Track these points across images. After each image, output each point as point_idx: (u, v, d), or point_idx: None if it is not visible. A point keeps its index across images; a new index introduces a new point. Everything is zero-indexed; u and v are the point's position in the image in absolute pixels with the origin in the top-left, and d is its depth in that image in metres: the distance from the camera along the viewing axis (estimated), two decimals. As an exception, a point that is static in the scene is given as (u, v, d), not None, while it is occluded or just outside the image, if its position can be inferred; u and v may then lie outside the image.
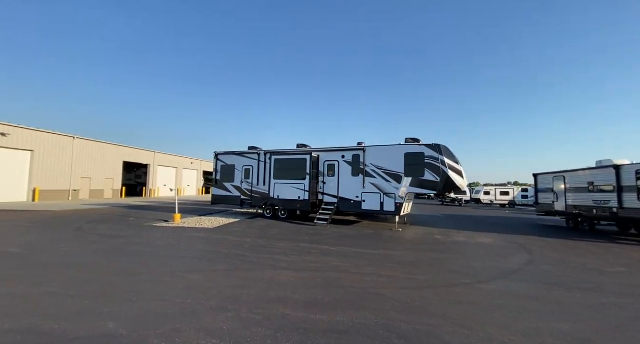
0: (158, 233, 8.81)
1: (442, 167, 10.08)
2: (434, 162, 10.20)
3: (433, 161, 10.23)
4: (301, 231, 9.72)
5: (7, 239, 7.47)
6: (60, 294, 3.83)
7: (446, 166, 10.10)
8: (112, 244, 7.15)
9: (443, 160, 10.11)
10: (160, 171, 34.92)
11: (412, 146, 10.77)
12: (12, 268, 5.01)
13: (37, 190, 21.03)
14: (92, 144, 25.85)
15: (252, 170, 14.08)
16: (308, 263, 5.68)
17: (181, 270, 5.07)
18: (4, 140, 19.14)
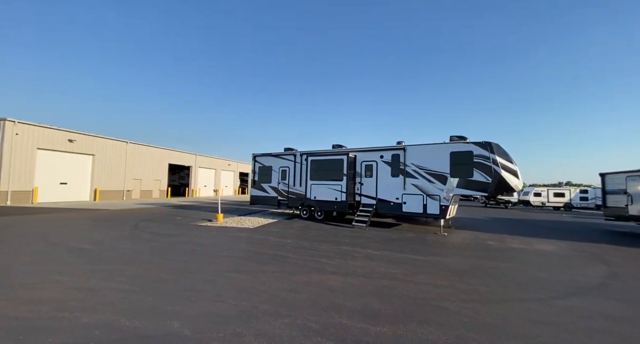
0: (204, 232, 9.20)
1: (494, 166, 9.26)
2: (485, 162, 9.41)
3: (483, 160, 9.43)
4: (340, 233, 9.54)
5: (79, 235, 8.28)
6: (127, 290, 4.06)
7: (498, 166, 9.26)
8: (164, 242, 7.58)
9: (495, 159, 9.28)
10: (200, 172, 37.03)
11: (459, 144, 10.05)
12: (85, 262, 5.48)
13: (97, 190, 23.40)
14: (142, 148, 28.16)
15: (288, 171, 14.23)
16: (354, 268, 5.47)
17: (231, 270, 5.15)
18: (71, 146, 21.56)
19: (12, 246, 6.69)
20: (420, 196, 10.47)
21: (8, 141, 17.73)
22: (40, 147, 19.54)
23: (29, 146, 18.92)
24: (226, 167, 42.89)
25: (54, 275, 4.66)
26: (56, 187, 20.66)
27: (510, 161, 9.65)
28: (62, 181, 21.09)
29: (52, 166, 20.39)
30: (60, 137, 20.81)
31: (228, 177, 43.73)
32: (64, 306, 3.50)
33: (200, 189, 36.66)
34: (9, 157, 17.76)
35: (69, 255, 6.02)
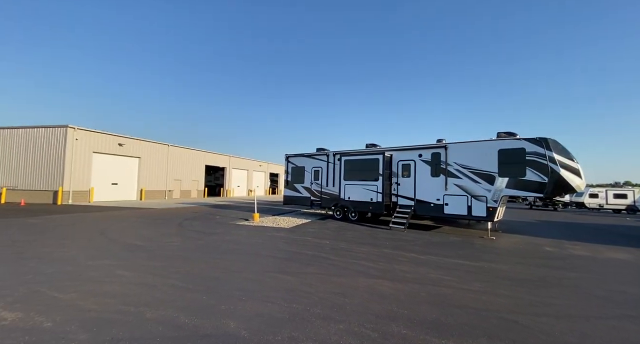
0: (243, 231, 9.42)
1: (552, 165, 8.37)
2: (540, 160, 8.55)
3: (538, 158, 8.58)
4: (378, 235, 9.24)
5: (132, 232, 8.90)
6: (182, 288, 4.20)
7: (557, 164, 8.36)
8: (209, 240, 7.86)
9: (552, 157, 8.39)
10: (234, 173, 38.51)
11: (508, 141, 9.25)
12: (141, 258, 5.83)
13: (143, 190, 25.25)
14: (181, 150, 29.93)
15: (321, 171, 14.18)
16: (401, 273, 5.19)
17: (275, 270, 5.15)
18: (120, 149, 23.49)
19: (78, 242, 7.35)
20: (464, 197, 9.81)
21: (70, 146, 19.75)
22: (95, 151, 21.53)
23: (86, 150, 20.92)
24: (257, 168, 44.16)
25: (116, 270, 4.98)
26: (108, 187, 22.63)
27: (571, 159, 8.67)
28: (113, 182, 23.05)
29: (105, 168, 22.37)
30: (111, 142, 22.77)
31: (259, 178, 44.99)
32: (128, 301, 3.68)
33: (233, 189, 38.12)
34: (70, 160, 19.78)
35: (126, 251, 6.44)
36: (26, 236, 7.80)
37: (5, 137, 21.62)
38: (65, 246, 6.74)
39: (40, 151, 20.35)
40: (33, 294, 3.84)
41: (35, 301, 3.61)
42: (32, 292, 3.92)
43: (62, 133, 19.83)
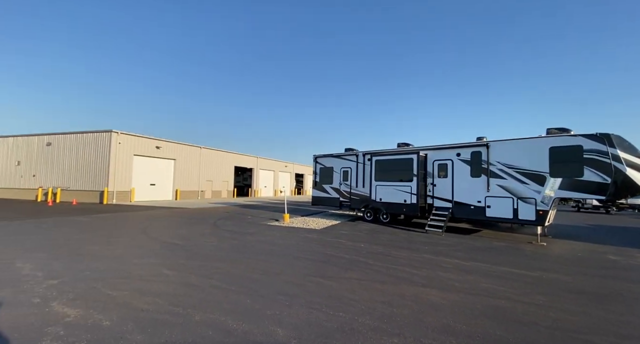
0: (276, 232, 9.46)
1: (616, 163, 7.46)
2: (601, 158, 7.66)
3: (599, 156, 7.69)
4: (414, 239, 8.82)
5: (170, 231, 9.29)
6: (225, 289, 4.20)
7: (622, 162, 7.43)
8: (244, 240, 7.96)
9: (616, 154, 7.48)
10: (261, 174, 39.37)
11: (562, 137, 8.40)
12: (182, 258, 6.00)
13: (178, 191, 26.56)
14: (212, 152, 31.11)
15: (350, 172, 13.93)
16: (449, 281, 4.83)
17: (315, 274, 5.02)
18: (158, 151, 24.89)
19: (123, 240, 7.77)
20: (510, 199, 9.07)
21: (113, 149, 21.27)
22: (135, 153, 23.00)
23: (128, 152, 22.40)
24: (283, 169, 44.81)
25: (161, 269, 5.15)
26: (147, 188, 24.07)
27: (639, 156, 7.67)
28: (151, 183, 24.49)
29: (144, 170, 23.82)
30: (149, 145, 24.20)
31: (285, 178, 45.61)
32: (176, 301, 3.74)
33: (261, 190, 38.97)
34: (114, 162, 21.28)
35: (167, 250, 6.68)
36: (79, 234, 8.41)
37: (59, 142, 23.82)
38: (113, 244, 7.14)
39: (89, 154, 22.13)
40: (90, 291, 4.03)
41: (93, 298, 3.78)
42: (89, 288, 4.13)
43: (107, 137, 21.41)
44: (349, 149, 14.70)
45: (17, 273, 4.74)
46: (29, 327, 3.01)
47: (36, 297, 3.78)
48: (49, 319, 3.19)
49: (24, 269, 4.94)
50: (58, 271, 4.92)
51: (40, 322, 3.11)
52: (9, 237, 7.71)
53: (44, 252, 6.15)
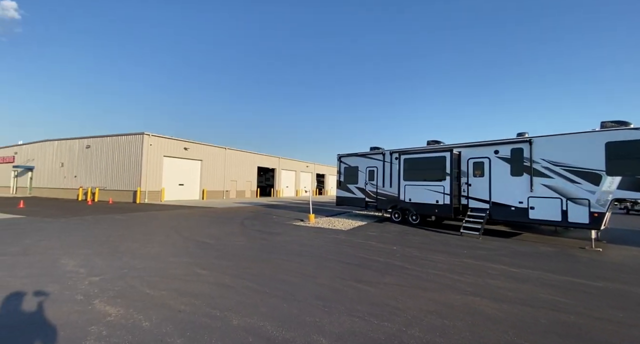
0: (303, 232, 9.31)
1: (691, 159, 6.52)
2: (672, 153, 6.73)
3: (669, 151, 6.77)
4: (449, 242, 8.29)
5: (201, 230, 9.44)
6: (260, 291, 4.07)
7: (699, 158, 6.48)
8: (272, 240, 7.88)
9: (692, 149, 6.53)
10: (283, 174, 39.71)
11: (620, 131, 7.51)
12: (214, 257, 5.98)
13: (204, 190, 27.37)
14: (236, 153, 31.79)
15: (376, 171, 13.51)
16: (500, 290, 4.38)
17: (350, 278, 4.76)
18: (186, 153, 25.79)
19: (158, 238, 7.96)
20: (557, 200, 8.27)
21: (145, 151, 22.29)
22: (165, 155, 23.97)
23: (158, 154, 23.39)
24: (305, 169, 44.92)
25: (195, 268, 5.13)
26: (176, 187, 25.02)
27: None
28: (180, 183, 25.42)
29: (173, 170, 24.77)
30: (178, 146, 25.13)
31: (306, 179, 45.71)
32: (213, 303, 3.65)
33: (283, 190, 39.30)
34: (146, 163, 22.30)
35: (199, 249, 6.72)
36: (117, 232, 8.76)
37: (97, 144, 25.40)
38: (148, 242, 7.32)
39: (123, 156, 23.38)
40: (130, 289, 4.06)
41: (132, 297, 3.79)
42: (129, 286, 4.16)
43: (139, 139, 22.49)
44: (375, 148, 14.28)
45: (62, 269, 4.92)
46: (73, 325, 3.02)
47: (79, 294, 3.85)
48: (92, 317, 3.20)
49: (68, 266, 5.12)
50: (99, 267, 5.05)
51: (83, 320, 3.12)
52: (56, 234, 8.17)
53: (86, 249, 6.40)
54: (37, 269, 4.91)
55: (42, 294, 3.82)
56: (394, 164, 12.56)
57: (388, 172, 12.92)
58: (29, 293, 3.85)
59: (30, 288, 4.05)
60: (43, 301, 3.61)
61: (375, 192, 13.39)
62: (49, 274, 4.67)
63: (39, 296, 3.74)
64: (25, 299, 3.66)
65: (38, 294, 3.82)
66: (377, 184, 13.39)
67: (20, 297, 3.74)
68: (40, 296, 3.74)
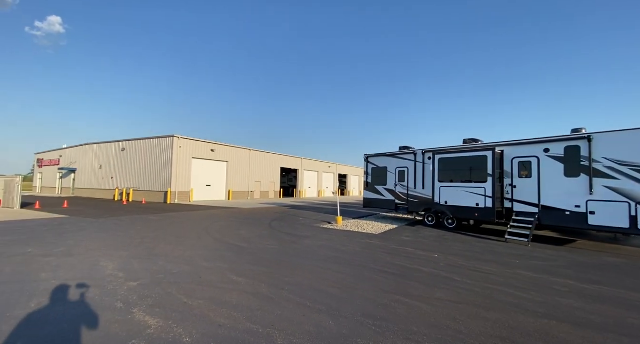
0: (333, 236, 8.96)
1: None
2: None
3: None
4: (495, 250, 7.56)
5: (231, 232, 9.40)
6: (302, 305, 3.77)
7: None
8: (304, 245, 7.61)
9: None
10: (305, 175, 39.69)
11: None
12: (248, 262, 5.80)
13: (230, 191, 27.91)
14: (260, 154, 32.16)
15: (407, 172, 12.86)
16: (578, 312, 3.75)
17: (397, 291, 4.34)
18: (213, 154, 26.42)
19: (190, 240, 7.98)
20: (624, 204, 7.27)
21: (175, 153, 23.07)
22: (194, 156, 24.69)
23: (188, 156, 24.14)
24: (327, 170, 44.62)
25: (230, 275, 4.96)
26: (204, 188, 25.70)
27: None
28: (207, 184, 26.09)
29: (201, 172, 25.46)
30: (205, 148, 25.80)
31: (328, 179, 45.40)
32: (253, 317, 3.39)
33: (305, 191, 39.26)
34: (176, 165, 23.07)
35: (231, 253, 6.59)
36: (152, 233, 8.92)
37: (131, 147, 26.72)
38: (181, 245, 7.33)
39: (155, 158, 24.39)
40: (167, 297, 3.92)
41: (171, 306, 3.63)
42: (166, 294, 4.03)
43: (169, 142, 23.32)
44: (405, 147, 13.63)
45: (102, 272, 4.93)
46: (115, 338, 2.88)
47: (119, 301, 3.76)
48: (132, 329, 3.05)
49: (107, 269, 5.14)
50: (136, 271, 5.02)
51: (124, 333, 2.98)
52: (95, 234, 8.46)
53: (124, 251, 6.49)
54: (79, 271, 4.97)
55: (84, 300, 3.79)
56: (427, 164, 11.87)
57: (420, 173, 12.24)
58: (72, 299, 3.83)
59: (73, 292, 4.04)
60: (85, 308, 3.55)
61: (406, 194, 12.75)
62: (90, 277, 4.69)
63: (82, 303, 3.70)
64: (69, 306, 3.63)
65: (80, 300, 3.79)
66: (407, 185, 12.74)
67: (64, 303, 3.71)
68: (82, 303, 3.70)
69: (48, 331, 2.99)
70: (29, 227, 9.49)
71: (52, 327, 3.08)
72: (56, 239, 7.74)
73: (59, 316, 3.34)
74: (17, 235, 8.17)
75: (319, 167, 42.74)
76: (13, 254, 6.02)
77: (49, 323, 3.16)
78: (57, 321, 3.21)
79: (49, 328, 3.05)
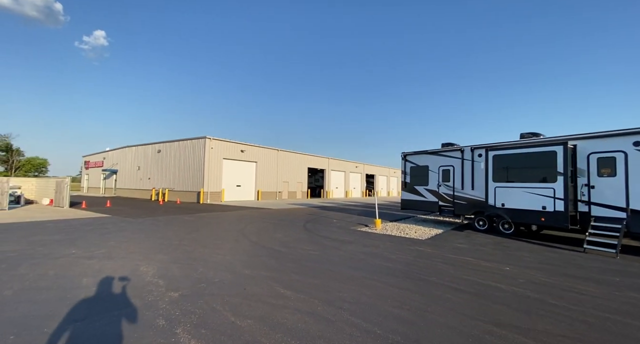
0: (377, 241, 8.18)
1: None
2: None
3: None
4: (576, 262, 6.34)
5: (267, 234, 8.96)
6: (368, 330, 3.08)
7: None
8: (348, 251, 6.93)
9: None
10: (332, 175, 39.02)
11: None
12: (290, 270, 5.23)
13: (259, 191, 28.00)
14: (288, 154, 32.02)
15: (452, 171, 11.71)
16: None
17: (483, 319, 3.49)
18: (242, 155, 26.64)
19: (227, 242, 7.62)
20: None
21: (207, 153, 23.48)
22: (224, 157, 25.02)
23: (219, 156, 24.49)
24: (354, 170, 43.61)
25: (276, 286, 4.40)
26: (234, 188, 25.97)
27: None
28: (237, 184, 26.35)
29: (231, 172, 25.75)
30: (235, 149, 26.06)
31: (356, 179, 44.35)
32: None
33: (332, 191, 38.59)
34: (208, 165, 23.48)
35: (272, 259, 6.07)
36: (187, 234, 8.73)
37: (166, 149, 27.73)
38: (219, 248, 6.97)
39: (188, 159, 25.04)
40: (212, 314, 3.43)
41: (217, 327, 3.12)
42: (211, 310, 3.54)
43: (202, 143, 23.79)
44: (448, 144, 12.49)
45: (142, 279, 4.61)
46: (158, 370, 2.38)
47: (161, 317, 3.32)
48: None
49: (147, 275, 4.82)
50: (177, 279, 4.64)
51: (169, 364, 2.48)
52: (136, 235, 8.42)
53: (163, 254, 6.23)
54: (119, 278, 4.68)
55: (124, 314, 3.40)
56: (478, 162, 10.67)
57: (469, 172, 11.06)
58: (111, 311, 3.46)
59: (113, 303, 3.69)
60: (125, 324, 3.14)
61: (452, 195, 11.60)
62: (131, 285, 4.36)
63: (121, 318, 3.31)
64: (107, 320, 3.25)
65: (120, 313, 3.41)
66: (453, 185, 11.59)
67: (101, 317, 3.35)
68: (121, 318, 3.31)
69: (85, 356, 2.58)
70: (75, 227, 9.75)
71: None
72: (98, 239, 7.75)
73: (95, 333, 2.95)
74: (64, 234, 8.34)
75: (346, 167, 41.85)
76: (59, 256, 5.97)
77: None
78: (91, 341, 2.80)
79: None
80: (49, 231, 8.88)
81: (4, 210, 14.76)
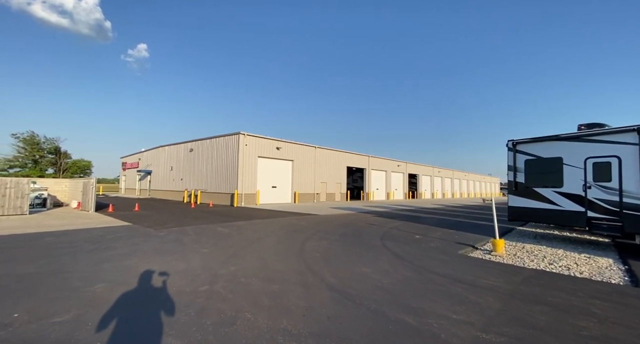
0: (534, 286, 4.41)
1: None
2: None
3: None
4: None
5: (343, 267, 5.57)
6: None
7: None
8: (529, 321, 3.29)
9: None
10: (373, 174, 35.11)
11: None
12: None
13: (296, 193, 25.02)
14: (325, 151, 28.77)
15: (617, 165, 7.53)
16: None
17: None
18: (278, 152, 23.82)
19: (288, 287, 4.33)
20: None
21: (241, 151, 20.92)
22: (259, 155, 22.35)
23: (253, 154, 21.86)
24: (395, 169, 39.31)
25: None
26: (269, 190, 23.21)
27: None
28: (273, 185, 23.57)
29: (266, 172, 23.02)
30: (270, 146, 23.32)
31: (397, 180, 39.98)
32: None
33: (373, 193, 34.67)
34: (242, 164, 20.90)
35: (390, 339, 2.64)
36: (224, 260, 5.63)
37: (199, 147, 25.78)
38: (279, 300, 3.69)
39: (221, 157, 22.73)
40: None
41: None
42: None
43: (235, 139, 21.31)
44: (595, 125, 8.33)
45: None
46: None
47: None
48: None
49: None
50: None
51: None
52: (145, 263, 5.49)
53: (184, 315, 3.07)
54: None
55: None
56: (682, 148, 6.43)
57: (655, 165, 6.83)
58: None
59: None
60: None
61: (618, 202, 7.41)
62: None
63: None
64: None
65: None
66: (620, 187, 7.40)
67: None
68: None
69: None
70: (73, 244, 7.16)
71: None
72: (89, 269, 4.91)
73: None
74: (44, 260, 5.66)
75: (387, 166, 37.69)
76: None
77: None
78: None
79: None
80: (30, 253, 6.31)
81: (24, 215, 13.07)
